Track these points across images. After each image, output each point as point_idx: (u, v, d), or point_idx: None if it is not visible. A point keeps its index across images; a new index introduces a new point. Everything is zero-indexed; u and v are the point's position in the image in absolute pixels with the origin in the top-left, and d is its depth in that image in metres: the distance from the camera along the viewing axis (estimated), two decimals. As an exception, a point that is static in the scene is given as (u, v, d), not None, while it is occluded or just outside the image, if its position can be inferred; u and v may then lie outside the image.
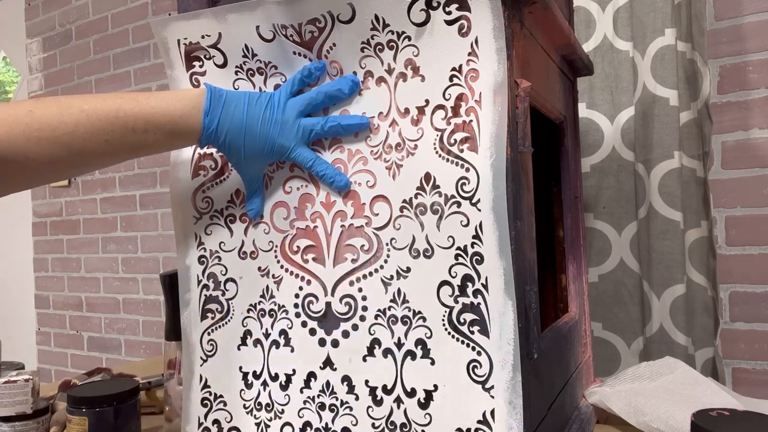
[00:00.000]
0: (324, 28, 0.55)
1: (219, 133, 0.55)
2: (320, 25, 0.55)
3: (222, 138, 0.55)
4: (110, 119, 0.51)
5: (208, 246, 0.63)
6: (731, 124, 1.03)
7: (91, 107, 0.51)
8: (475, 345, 0.50)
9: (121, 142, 0.52)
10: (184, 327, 0.64)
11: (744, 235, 1.02)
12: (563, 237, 0.77)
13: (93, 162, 0.54)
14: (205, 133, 0.54)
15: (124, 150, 0.54)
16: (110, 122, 0.51)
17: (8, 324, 2.33)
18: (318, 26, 0.55)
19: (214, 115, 0.54)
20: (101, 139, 0.51)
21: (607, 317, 1.05)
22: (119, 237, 2.00)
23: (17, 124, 0.49)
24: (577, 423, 0.67)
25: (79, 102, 0.51)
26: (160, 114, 0.53)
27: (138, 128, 0.52)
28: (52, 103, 0.51)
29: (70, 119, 0.50)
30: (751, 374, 1.01)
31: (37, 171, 0.52)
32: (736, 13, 1.02)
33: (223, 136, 0.55)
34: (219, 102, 0.54)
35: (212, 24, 0.59)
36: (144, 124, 0.52)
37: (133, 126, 0.52)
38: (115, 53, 2.00)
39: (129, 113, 0.52)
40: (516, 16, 0.52)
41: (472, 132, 0.50)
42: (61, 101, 0.51)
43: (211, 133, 0.55)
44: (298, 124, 0.56)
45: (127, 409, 0.69)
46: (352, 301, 0.55)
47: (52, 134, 0.50)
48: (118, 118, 0.51)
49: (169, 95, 0.54)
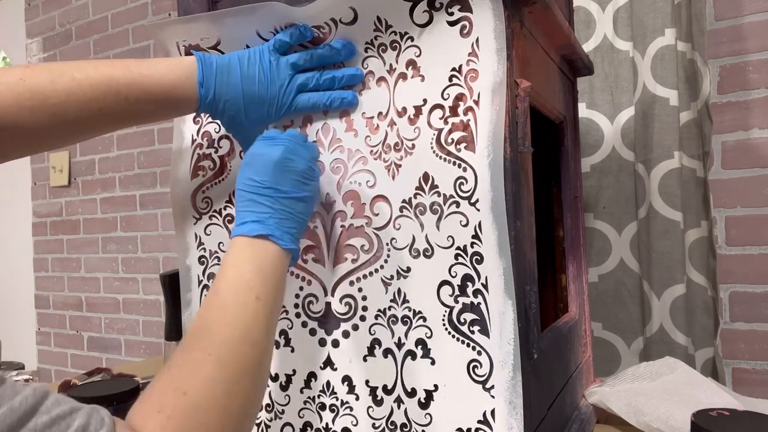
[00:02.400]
0: (328, 33, 0.56)
1: (217, 102, 0.54)
2: (324, 31, 0.56)
3: (221, 106, 0.54)
4: (102, 88, 0.50)
5: (208, 246, 0.63)
6: (731, 124, 1.03)
7: (84, 76, 0.50)
8: (475, 345, 0.50)
9: (115, 111, 0.52)
10: (186, 326, 0.64)
11: (744, 235, 1.02)
12: (563, 237, 0.77)
13: (87, 131, 0.54)
14: (203, 103, 0.54)
15: (119, 119, 0.53)
16: (102, 91, 0.50)
17: (8, 324, 2.32)
18: (322, 32, 0.56)
19: (209, 85, 0.53)
20: (94, 108, 0.51)
21: (607, 317, 1.05)
22: (119, 237, 2.00)
23: (9, 93, 0.48)
24: (577, 423, 0.67)
25: (71, 69, 0.50)
26: (152, 83, 0.52)
27: (131, 98, 0.51)
28: (43, 70, 0.50)
29: (62, 88, 0.49)
30: (751, 374, 1.01)
31: (31, 139, 0.51)
32: (736, 13, 1.02)
33: (221, 105, 0.54)
34: (211, 70, 0.54)
35: (210, 28, 0.59)
36: (137, 93, 0.52)
37: (126, 95, 0.51)
38: (115, 53, 2.00)
39: (121, 82, 0.51)
40: (516, 16, 0.52)
41: (469, 131, 0.50)
42: (53, 69, 0.50)
43: (209, 102, 0.54)
44: (293, 79, 0.55)
45: (127, 409, 0.69)
46: (352, 301, 0.55)
47: (45, 103, 0.49)
48: (110, 87, 0.51)
49: (161, 63, 0.53)
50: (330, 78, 0.55)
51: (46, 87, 0.49)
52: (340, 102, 0.55)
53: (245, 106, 0.54)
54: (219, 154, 0.62)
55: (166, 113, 0.56)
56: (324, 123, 0.57)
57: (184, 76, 0.53)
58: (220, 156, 0.62)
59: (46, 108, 0.49)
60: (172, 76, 0.53)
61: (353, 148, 0.56)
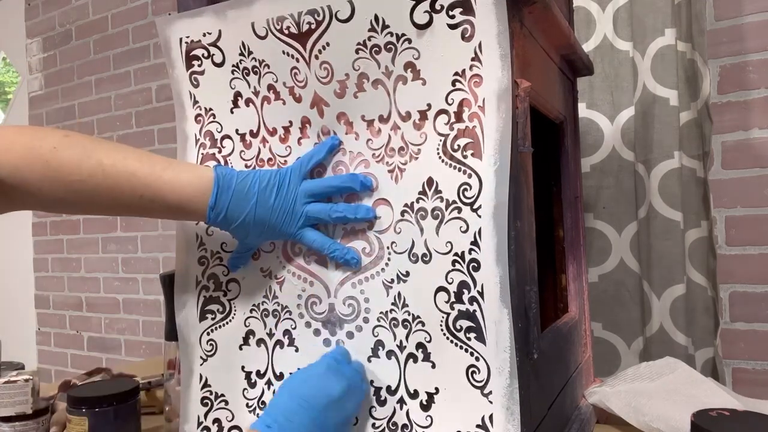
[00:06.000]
0: (321, 23, 0.55)
1: (227, 223, 0.55)
2: (318, 18, 0.55)
3: (230, 227, 0.55)
4: (122, 182, 0.52)
5: (209, 247, 0.63)
6: (731, 124, 1.03)
7: (110, 163, 0.52)
8: (473, 351, 0.50)
9: (126, 204, 0.53)
10: (181, 327, 0.64)
11: (744, 235, 1.02)
12: (563, 237, 0.77)
13: (94, 210, 0.55)
14: (211, 221, 0.55)
15: (127, 210, 0.55)
16: (121, 184, 0.52)
17: (8, 324, 2.32)
18: (316, 19, 0.55)
19: (220, 209, 0.54)
20: (109, 196, 0.52)
21: (607, 317, 1.05)
22: (119, 237, 2.00)
23: (39, 160, 0.50)
24: (577, 423, 0.67)
25: (101, 153, 0.52)
26: (169, 191, 0.53)
27: (146, 197, 0.53)
28: (78, 145, 0.52)
29: (86, 170, 0.51)
30: (751, 374, 1.01)
31: (40, 203, 0.53)
32: (736, 13, 1.02)
33: (230, 226, 0.55)
34: (227, 192, 0.54)
35: (213, 21, 0.60)
36: (152, 195, 0.53)
37: (141, 194, 0.53)
38: (115, 53, 2.00)
39: (142, 181, 0.52)
40: (516, 16, 0.52)
41: (475, 138, 0.50)
42: (86, 146, 0.52)
43: (218, 222, 0.55)
44: (304, 212, 0.56)
45: (127, 409, 0.69)
46: (355, 303, 0.55)
47: (66, 178, 0.51)
48: (130, 182, 0.52)
49: (184, 171, 0.54)
50: (342, 218, 0.55)
51: (73, 164, 0.51)
52: (342, 256, 0.55)
53: (252, 228, 0.55)
54: (222, 154, 0.62)
55: (176, 217, 0.57)
56: (323, 125, 0.57)
57: (201, 192, 0.54)
58: (224, 156, 0.62)
59: (66, 184, 0.51)
60: (189, 189, 0.53)
61: (355, 150, 0.56)
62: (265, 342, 0.60)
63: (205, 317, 0.63)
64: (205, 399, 0.62)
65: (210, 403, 0.62)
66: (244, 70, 0.60)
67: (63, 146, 0.51)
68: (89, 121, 2.08)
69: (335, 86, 0.56)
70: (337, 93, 0.56)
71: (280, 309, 0.59)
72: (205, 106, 0.63)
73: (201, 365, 0.63)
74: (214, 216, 0.54)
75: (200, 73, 0.62)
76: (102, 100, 2.04)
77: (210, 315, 0.63)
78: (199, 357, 0.63)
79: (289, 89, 0.58)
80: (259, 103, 0.60)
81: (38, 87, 2.24)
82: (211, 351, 0.62)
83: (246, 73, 0.60)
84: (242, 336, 0.61)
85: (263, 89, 0.59)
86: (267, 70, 0.59)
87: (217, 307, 0.62)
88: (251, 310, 0.61)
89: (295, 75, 0.57)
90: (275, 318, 0.59)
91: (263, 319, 0.60)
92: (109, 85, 2.02)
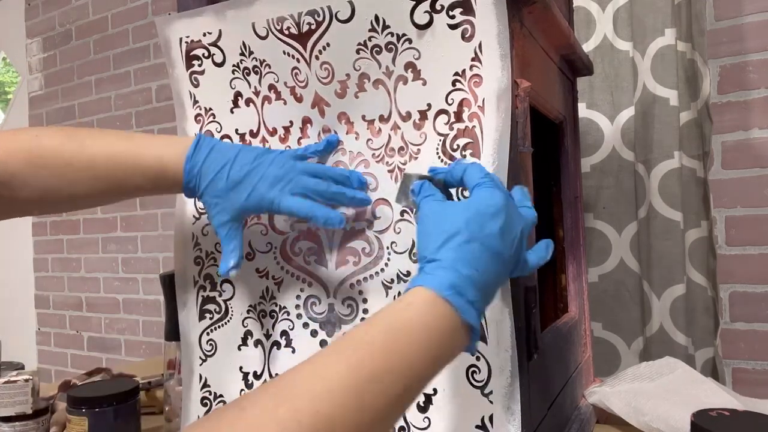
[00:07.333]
0: (321, 23, 0.55)
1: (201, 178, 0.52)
2: (318, 19, 0.55)
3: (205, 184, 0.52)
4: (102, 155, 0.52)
5: (204, 247, 0.63)
6: (731, 124, 1.03)
7: (92, 142, 0.53)
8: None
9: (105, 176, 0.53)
10: (183, 327, 0.64)
11: (744, 235, 1.02)
12: (563, 237, 0.77)
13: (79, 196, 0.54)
14: (186, 176, 0.52)
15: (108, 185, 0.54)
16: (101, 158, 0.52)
17: (8, 324, 2.32)
18: (316, 19, 0.55)
19: (196, 161, 0.52)
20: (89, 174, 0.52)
21: (607, 317, 1.05)
22: (119, 237, 2.00)
23: (21, 149, 0.51)
24: (577, 423, 0.67)
25: (84, 133, 0.53)
26: (150, 154, 0.53)
27: (127, 164, 0.53)
28: (60, 131, 0.53)
29: (68, 152, 0.52)
30: (751, 374, 1.01)
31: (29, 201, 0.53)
32: (736, 13, 1.02)
33: (205, 182, 0.52)
34: (207, 147, 0.53)
35: (213, 21, 0.60)
36: (133, 161, 0.53)
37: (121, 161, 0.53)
38: (115, 53, 2.00)
39: (122, 150, 0.53)
40: (516, 16, 0.52)
41: (475, 138, 0.50)
42: (68, 131, 0.53)
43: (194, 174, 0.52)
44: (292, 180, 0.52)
45: (127, 409, 0.69)
46: (353, 303, 0.55)
47: (50, 162, 0.51)
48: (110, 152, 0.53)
49: (165, 138, 0.55)
50: (339, 193, 0.52)
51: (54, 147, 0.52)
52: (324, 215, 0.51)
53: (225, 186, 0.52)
54: None
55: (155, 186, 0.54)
56: (324, 125, 0.57)
57: (180, 151, 0.53)
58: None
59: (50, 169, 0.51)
60: (170, 149, 0.53)
61: (355, 150, 0.56)
62: (262, 343, 0.60)
63: (204, 317, 0.63)
64: (205, 399, 0.62)
65: (209, 404, 0.62)
66: (244, 70, 0.60)
67: (44, 133, 0.52)
68: (89, 121, 2.08)
69: (336, 86, 0.56)
70: (338, 93, 0.56)
71: (278, 309, 0.59)
72: (205, 106, 0.63)
73: (201, 365, 0.63)
74: (189, 168, 0.52)
75: (200, 72, 0.62)
76: (102, 100, 2.04)
77: (208, 315, 0.63)
78: (198, 357, 0.63)
79: (291, 89, 0.58)
80: (260, 103, 0.60)
81: (38, 87, 2.24)
82: (211, 351, 0.62)
83: (247, 73, 0.60)
84: (241, 336, 0.61)
85: (264, 89, 0.59)
86: (268, 70, 0.59)
87: (214, 307, 0.62)
88: (248, 311, 0.61)
89: (296, 75, 0.57)
90: (272, 319, 0.59)
91: (260, 319, 0.60)
92: (109, 85, 2.02)
